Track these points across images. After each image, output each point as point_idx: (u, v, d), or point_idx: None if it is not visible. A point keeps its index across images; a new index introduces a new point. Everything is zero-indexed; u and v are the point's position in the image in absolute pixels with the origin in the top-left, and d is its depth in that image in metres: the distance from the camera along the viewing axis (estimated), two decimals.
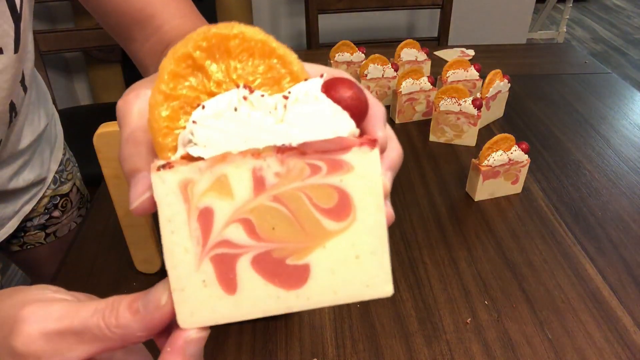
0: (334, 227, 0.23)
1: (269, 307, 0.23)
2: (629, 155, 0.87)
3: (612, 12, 4.12)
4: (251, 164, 0.22)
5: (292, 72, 0.24)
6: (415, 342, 0.55)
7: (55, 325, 0.24)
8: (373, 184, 0.23)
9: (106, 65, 1.89)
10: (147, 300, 0.24)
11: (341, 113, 0.23)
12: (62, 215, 0.79)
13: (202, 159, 0.22)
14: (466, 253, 0.67)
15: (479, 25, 2.05)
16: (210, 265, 0.23)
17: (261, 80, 0.24)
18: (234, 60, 0.24)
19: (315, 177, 0.22)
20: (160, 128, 0.23)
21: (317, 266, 0.23)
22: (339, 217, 0.23)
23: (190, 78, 0.23)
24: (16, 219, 0.71)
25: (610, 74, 1.17)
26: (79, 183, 0.83)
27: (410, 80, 0.93)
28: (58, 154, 0.77)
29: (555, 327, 0.56)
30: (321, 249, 0.23)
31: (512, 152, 0.74)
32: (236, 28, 0.23)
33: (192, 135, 0.22)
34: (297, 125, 0.22)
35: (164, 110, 0.23)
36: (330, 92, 0.23)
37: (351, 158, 0.22)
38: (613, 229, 0.71)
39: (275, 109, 0.22)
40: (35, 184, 0.71)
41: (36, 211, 0.75)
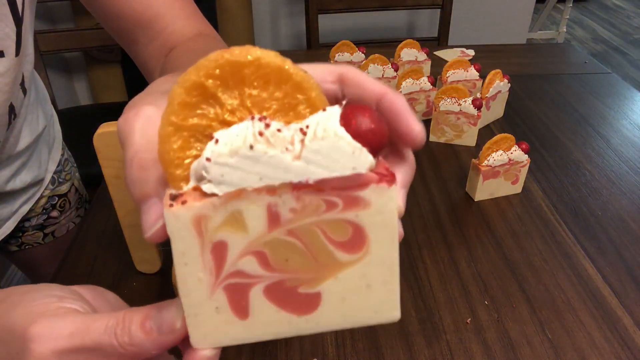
0: (347, 259, 0.23)
1: (279, 330, 0.24)
2: (629, 155, 0.87)
3: (612, 12, 4.12)
4: (266, 200, 0.22)
5: (310, 98, 0.23)
6: (415, 342, 0.55)
7: (67, 343, 0.24)
8: (389, 219, 0.23)
9: (106, 65, 1.89)
10: (160, 322, 0.24)
11: (360, 150, 0.22)
12: (61, 216, 0.79)
13: (216, 194, 0.22)
14: (466, 253, 0.67)
15: (479, 25, 2.05)
16: (223, 294, 0.23)
17: (277, 106, 0.23)
18: (248, 87, 0.23)
19: (330, 212, 0.22)
20: (172, 160, 0.22)
21: (328, 294, 0.23)
22: (352, 250, 0.23)
23: (202, 106, 0.23)
24: (13, 220, 0.71)
25: (610, 74, 1.17)
26: (78, 183, 0.83)
27: (410, 80, 0.93)
28: (56, 154, 0.77)
29: (555, 327, 0.56)
30: (333, 280, 0.23)
31: (512, 152, 0.74)
32: (251, 54, 0.22)
33: (205, 172, 0.21)
34: (314, 163, 0.21)
35: (175, 142, 0.22)
36: (349, 124, 0.22)
37: (368, 194, 0.22)
38: (613, 229, 0.71)
39: (292, 144, 0.21)
40: (33, 184, 0.71)
41: (34, 211, 0.75)
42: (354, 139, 0.21)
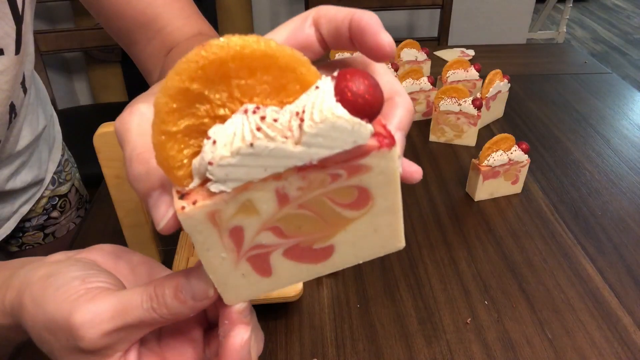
0: (354, 215, 0.25)
1: (300, 277, 0.27)
2: (629, 155, 0.87)
3: (612, 12, 4.12)
4: (274, 186, 0.22)
5: (299, 75, 0.22)
6: (415, 342, 0.55)
7: (111, 325, 0.27)
8: (391, 176, 0.23)
9: (106, 65, 1.89)
10: (193, 291, 0.26)
11: (359, 124, 0.21)
12: (61, 216, 0.79)
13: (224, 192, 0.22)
14: (466, 253, 0.67)
15: (479, 25, 2.05)
16: (247, 264, 0.25)
17: (267, 89, 0.22)
18: (235, 79, 0.22)
19: (336, 182, 0.23)
20: (171, 165, 0.23)
21: (340, 244, 0.26)
22: (358, 207, 0.24)
23: (190, 107, 0.22)
24: (14, 220, 0.71)
25: (610, 74, 1.17)
26: (78, 184, 0.83)
27: (410, 80, 0.93)
28: (56, 154, 0.77)
29: (555, 327, 0.56)
30: (343, 232, 0.25)
31: (512, 152, 0.74)
32: (231, 48, 0.21)
33: (210, 175, 0.21)
34: (315, 145, 0.21)
35: (171, 147, 0.22)
36: (345, 98, 0.21)
37: (370, 161, 0.22)
38: (613, 229, 0.71)
39: (291, 130, 0.21)
40: (33, 184, 0.71)
41: (34, 212, 0.75)
42: (351, 113, 0.21)
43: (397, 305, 0.59)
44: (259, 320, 0.59)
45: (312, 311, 0.58)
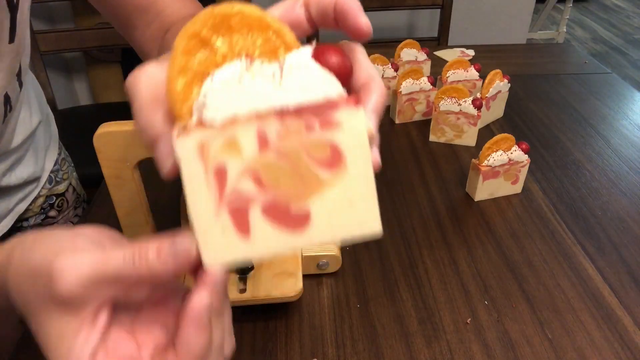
0: (328, 176, 0.27)
1: (277, 247, 0.27)
2: (629, 155, 0.87)
3: (612, 12, 4.12)
4: (255, 126, 0.26)
5: (286, 42, 0.28)
6: (415, 342, 0.55)
7: (89, 273, 0.27)
8: (360, 138, 0.26)
9: (106, 65, 1.89)
10: (176, 252, 0.27)
11: (330, 78, 0.27)
12: (59, 215, 0.79)
13: (215, 123, 0.26)
14: (466, 253, 0.67)
15: (479, 25, 2.05)
16: (227, 216, 0.27)
17: (260, 50, 0.28)
18: (236, 34, 0.28)
19: (310, 133, 0.26)
20: (178, 97, 0.27)
21: (316, 213, 0.27)
22: (331, 166, 0.27)
23: (199, 54, 0.27)
24: (10, 218, 0.71)
25: (610, 74, 1.17)
26: (75, 182, 0.83)
27: (410, 80, 0.93)
28: (53, 153, 0.77)
29: (555, 327, 0.56)
30: (319, 198, 0.27)
31: (512, 152, 0.74)
32: (236, 7, 0.27)
33: (205, 100, 0.26)
34: (293, 90, 0.26)
35: (180, 82, 0.27)
36: (319, 59, 0.27)
37: (339, 116, 0.26)
38: (613, 229, 0.71)
39: (274, 76, 0.26)
40: (29, 182, 0.71)
41: (32, 211, 0.75)
42: (324, 69, 0.27)
43: (397, 305, 0.59)
44: (259, 321, 0.60)
45: (312, 311, 0.58)
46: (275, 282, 0.56)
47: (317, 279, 0.62)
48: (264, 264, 0.58)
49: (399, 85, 0.92)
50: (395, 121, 0.97)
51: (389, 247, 0.67)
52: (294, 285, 0.56)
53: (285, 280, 0.56)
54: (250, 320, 0.57)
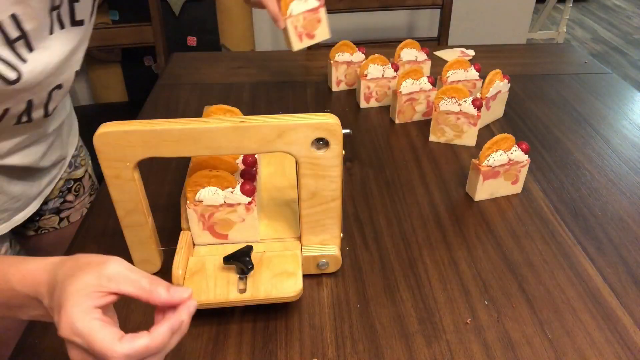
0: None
1: None
2: (629, 155, 0.87)
3: (612, 12, 4.12)
4: None
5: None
6: (415, 342, 0.55)
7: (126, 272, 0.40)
8: (323, 15, 0.91)
9: (106, 65, 1.89)
10: (176, 292, 0.40)
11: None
12: (75, 200, 0.84)
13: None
14: (466, 253, 0.67)
15: (479, 25, 2.05)
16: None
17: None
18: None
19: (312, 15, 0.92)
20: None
21: None
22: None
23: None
24: (38, 200, 0.75)
25: (610, 74, 1.17)
26: (91, 170, 0.89)
27: (410, 80, 0.93)
28: (74, 138, 0.84)
29: (555, 327, 0.56)
30: None
31: (512, 152, 0.74)
32: None
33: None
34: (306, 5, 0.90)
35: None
36: None
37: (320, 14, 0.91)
38: (613, 229, 0.71)
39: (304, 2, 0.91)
40: (56, 163, 0.77)
41: (52, 194, 0.80)
42: None
43: (397, 305, 0.59)
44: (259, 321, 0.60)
45: (312, 311, 0.58)
46: (275, 282, 0.56)
47: (317, 279, 0.62)
48: (264, 264, 0.58)
49: (399, 85, 0.92)
50: (395, 121, 0.97)
51: (389, 247, 0.67)
52: (293, 285, 0.56)
53: (285, 281, 0.56)
54: (250, 320, 0.57)
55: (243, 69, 1.19)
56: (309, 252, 0.61)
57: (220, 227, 0.61)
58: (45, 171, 0.75)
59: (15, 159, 0.66)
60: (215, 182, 0.58)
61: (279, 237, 0.63)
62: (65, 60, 0.59)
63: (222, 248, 0.61)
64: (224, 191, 0.58)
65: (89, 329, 0.36)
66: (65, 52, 0.59)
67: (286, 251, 0.60)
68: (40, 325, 0.56)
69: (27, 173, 0.71)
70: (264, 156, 0.76)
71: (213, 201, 0.58)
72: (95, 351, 0.36)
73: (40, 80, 0.56)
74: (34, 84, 0.55)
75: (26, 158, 0.67)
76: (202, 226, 0.60)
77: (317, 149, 0.53)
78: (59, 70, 0.59)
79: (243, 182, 0.60)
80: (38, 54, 0.54)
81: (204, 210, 0.59)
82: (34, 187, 0.73)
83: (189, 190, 0.59)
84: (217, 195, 0.58)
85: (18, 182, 0.69)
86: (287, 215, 0.65)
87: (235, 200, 0.58)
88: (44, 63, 0.56)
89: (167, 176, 0.81)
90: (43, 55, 0.55)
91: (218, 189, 0.58)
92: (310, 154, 0.53)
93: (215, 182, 0.58)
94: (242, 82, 1.12)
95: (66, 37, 0.58)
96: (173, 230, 0.65)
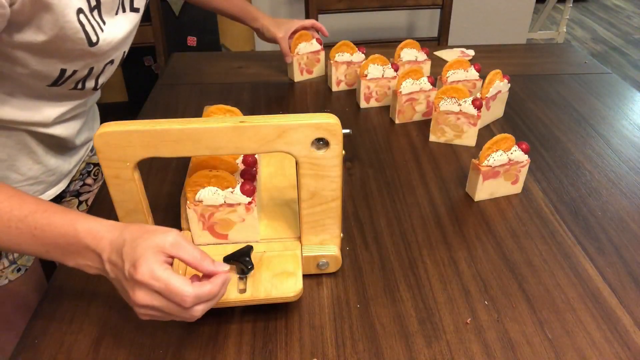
0: None
1: None
2: (629, 155, 0.87)
3: (612, 12, 4.12)
4: None
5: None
6: (415, 342, 0.55)
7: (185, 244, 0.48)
8: None
9: None
10: (219, 266, 0.49)
11: None
12: (94, 184, 0.88)
13: None
14: (466, 253, 0.67)
15: (479, 25, 2.05)
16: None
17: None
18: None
19: None
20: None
21: None
22: None
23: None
24: (67, 178, 0.80)
25: (610, 74, 1.17)
26: None
27: (410, 80, 0.93)
28: (97, 123, 0.88)
29: (555, 327, 0.56)
30: None
31: (512, 152, 0.74)
32: None
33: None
34: None
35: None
36: None
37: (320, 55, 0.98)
38: (613, 229, 0.71)
39: None
40: (85, 143, 0.82)
41: (74, 175, 0.84)
42: None
43: (397, 305, 0.59)
44: (259, 320, 0.60)
45: (312, 311, 0.58)
46: (275, 282, 0.56)
47: (317, 279, 0.62)
48: (264, 264, 0.58)
49: (399, 85, 0.92)
50: (395, 121, 0.97)
51: (389, 247, 0.67)
52: (293, 286, 0.56)
53: (285, 281, 0.56)
54: (250, 320, 0.57)
55: (243, 69, 1.19)
56: (309, 252, 0.61)
57: (220, 227, 0.61)
58: (77, 149, 0.80)
59: (58, 129, 0.72)
60: (215, 182, 0.58)
61: (279, 237, 0.63)
62: (124, 39, 0.68)
63: (222, 248, 0.61)
64: (224, 191, 0.58)
65: (167, 275, 0.44)
66: (125, 32, 0.68)
67: (286, 251, 0.60)
68: (41, 324, 0.56)
69: (63, 147, 0.77)
70: (264, 156, 0.76)
71: (213, 201, 0.58)
72: (171, 291, 0.44)
73: (106, 50, 0.64)
74: (103, 51, 0.64)
75: (66, 130, 0.73)
76: (202, 226, 0.60)
77: (317, 149, 0.53)
78: (119, 45, 0.68)
79: (243, 182, 0.60)
80: (109, 27, 0.64)
81: (204, 210, 0.59)
82: (66, 163, 0.78)
83: (189, 191, 0.59)
84: (217, 195, 0.58)
85: (55, 156, 0.75)
86: (287, 215, 0.65)
87: (235, 200, 0.58)
88: (112, 35, 0.64)
89: (167, 176, 0.81)
90: (113, 29, 0.64)
91: (218, 189, 0.58)
92: (310, 154, 0.53)
93: (215, 182, 0.58)
94: (242, 82, 1.12)
95: (126, 19, 0.68)
96: None
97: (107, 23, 0.63)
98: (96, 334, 0.55)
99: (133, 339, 0.54)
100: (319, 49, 1.12)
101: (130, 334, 0.55)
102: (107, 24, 0.63)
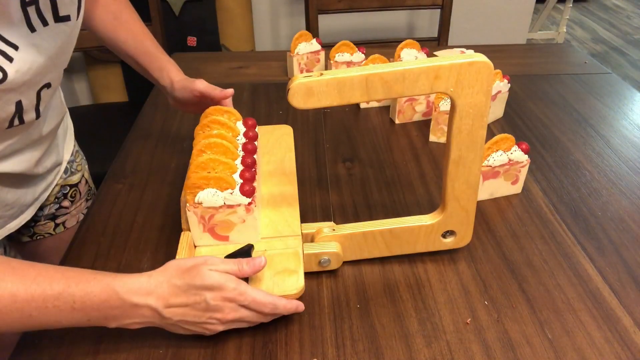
0: None
1: None
2: (629, 155, 0.87)
3: (612, 12, 4.12)
4: None
5: None
6: (415, 342, 0.55)
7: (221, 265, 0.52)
8: None
9: (106, 65, 1.89)
10: (255, 266, 0.54)
11: None
12: (71, 206, 0.83)
13: None
14: (466, 253, 0.67)
15: (479, 25, 2.05)
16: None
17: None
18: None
19: None
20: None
21: None
22: None
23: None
24: (34, 207, 0.73)
25: (610, 74, 1.17)
26: (87, 175, 0.87)
27: None
28: (70, 144, 0.82)
29: (555, 327, 0.56)
30: None
31: (512, 152, 0.74)
32: None
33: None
34: None
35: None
36: None
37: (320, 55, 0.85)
38: (613, 229, 0.71)
39: None
40: (51, 169, 0.75)
41: (48, 200, 0.78)
42: None
43: (397, 305, 0.59)
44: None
45: (312, 311, 0.58)
46: (277, 280, 0.56)
47: (317, 279, 0.62)
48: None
49: None
50: (395, 121, 0.97)
51: None
52: (295, 283, 0.56)
53: (286, 278, 0.56)
54: None
55: (243, 69, 1.19)
56: (310, 250, 0.61)
57: (220, 228, 0.60)
58: (41, 178, 0.73)
59: (8, 165, 0.62)
60: (215, 183, 0.58)
61: (280, 235, 0.63)
62: (53, 57, 0.57)
63: (223, 248, 0.61)
64: (223, 192, 0.58)
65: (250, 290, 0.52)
66: (54, 49, 0.56)
67: (287, 249, 0.60)
68: None
69: (21, 180, 0.68)
70: (264, 155, 0.76)
71: (213, 203, 0.58)
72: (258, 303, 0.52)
73: (26, 79, 0.53)
74: (19, 83, 0.52)
75: (20, 164, 0.64)
76: (202, 228, 0.60)
77: None
78: (46, 69, 0.56)
79: (242, 182, 0.60)
80: (24, 52, 0.52)
81: (204, 212, 0.59)
82: (29, 194, 0.70)
83: (189, 192, 0.59)
84: (217, 196, 0.58)
85: (11, 190, 0.66)
86: (288, 213, 0.65)
87: (235, 202, 0.58)
88: (29, 62, 0.53)
89: (167, 176, 0.81)
90: (29, 54, 0.52)
91: (217, 190, 0.58)
92: None
93: (214, 184, 0.58)
94: (242, 82, 1.12)
95: (51, 33, 0.55)
96: (173, 231, 0.65)
97: (20, 47, 0.51)
98: (96, 334, 0.55)
99: (133, 339, 0.54)
100: (318, 49, 1.12)
101: (130, 334, 0.55)
102: (22, 50, 0.51)
